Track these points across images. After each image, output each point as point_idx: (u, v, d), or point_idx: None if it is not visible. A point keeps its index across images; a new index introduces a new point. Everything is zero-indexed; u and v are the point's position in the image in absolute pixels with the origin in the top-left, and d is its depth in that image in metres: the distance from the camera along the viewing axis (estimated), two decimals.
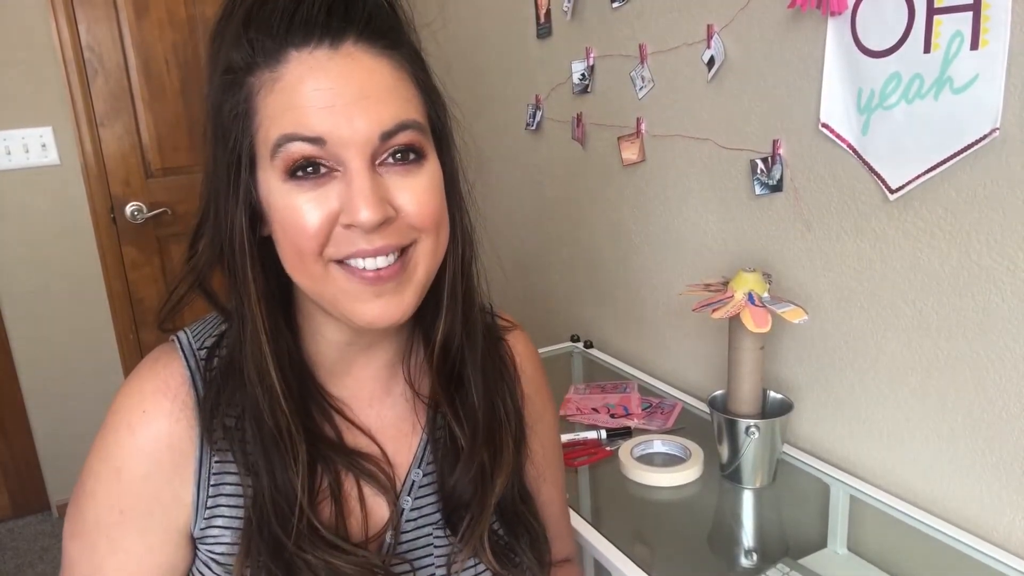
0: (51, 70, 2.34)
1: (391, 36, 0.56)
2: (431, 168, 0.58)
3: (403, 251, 0.57)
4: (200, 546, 0.63)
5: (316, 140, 0.53)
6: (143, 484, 0.61)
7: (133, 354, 2.59)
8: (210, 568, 0.63)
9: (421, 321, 0.67)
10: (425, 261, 0.59)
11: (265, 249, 0.59)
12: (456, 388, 0.67)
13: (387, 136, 0.54)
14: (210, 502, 0.62)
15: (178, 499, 0.62)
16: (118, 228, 2.52)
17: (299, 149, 0.53)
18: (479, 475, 0.66)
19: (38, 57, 2.31)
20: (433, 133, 0.60)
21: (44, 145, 2.38)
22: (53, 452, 2.57)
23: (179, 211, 2.57)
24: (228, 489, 0.62)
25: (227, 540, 0.62)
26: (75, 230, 2.47)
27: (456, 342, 0.66)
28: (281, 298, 0.62)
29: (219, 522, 0.62)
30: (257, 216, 0.58)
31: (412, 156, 0.57)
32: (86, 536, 0.62)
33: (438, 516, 0.68)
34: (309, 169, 0.54)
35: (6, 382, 2.47)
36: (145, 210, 2.53)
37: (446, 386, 0.67)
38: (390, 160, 0.56)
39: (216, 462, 0.62)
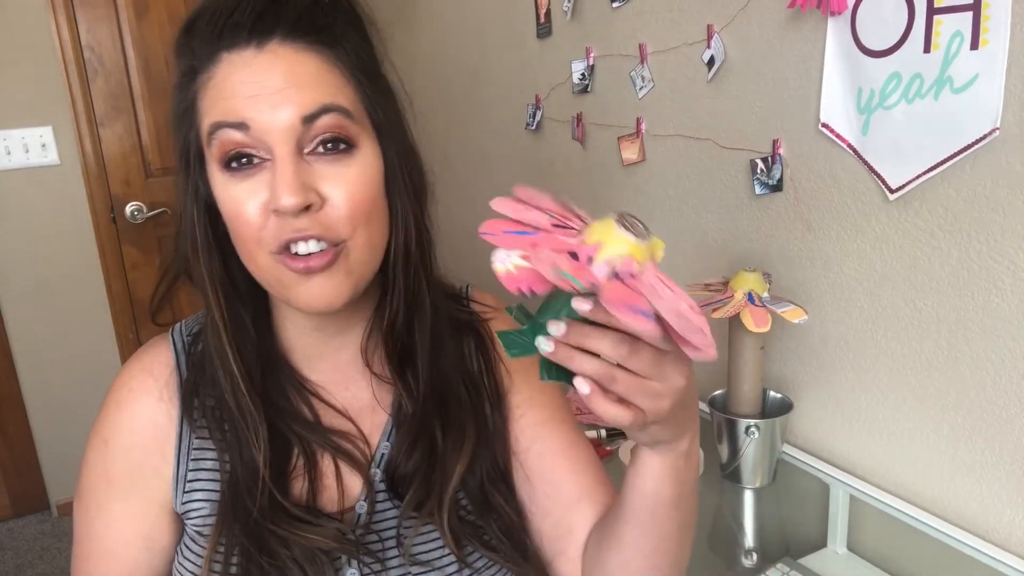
0: (51, 70, 2.34)
1: (322, 34, 0.58)
2: (363, 159, 0.59)
3: (335, 246, 0.59)
4: (186, 521, 0.67)
5: (240, 125, 0.56)
6: (126, 456, 0.66)
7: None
8: (195, 542, 0.66)
9: (378, 306, 0.69)
10: (358, 254, 0.60)
11: (228, 247, 0.63)
12: (407, 367, 0.70)
13: (309, 119, 0.56)
14: (190, 476, 0.66)
15: (159, 473, 0.66)
16: (118, 228, 2.53)
17: (227, 136, 0.57)
18: (427, 449, 0.68)
19: (38, 57, 2.32)
20: (373, 125, 0.61)
21: (44, 145, 2.38)
22: (53, 452, 2.58)
23: (179, 211, 2.57)
24: (207, 464, 0.66)
25: (206, 513, 0.66)
26: (75, 230, 2.47)
27: (399, 325, 0.68)
28: (255, 289, 0.65)
29: (198, 496, 0.66)
30: (215, 212, 0.62)
31: (342, 146, 0.58)
32: (81, 499, 0.69)
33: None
34: (243, 160, 0.57)
35: (6, 382, 2.47)
36: (145, 210, 2.54)
37: (396, 366, 0.69)
38: (320, 149, 0.57)
39: (196, 439, 0.66)
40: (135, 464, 0.66)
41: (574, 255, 0.45)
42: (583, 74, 1.70)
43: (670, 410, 0.48)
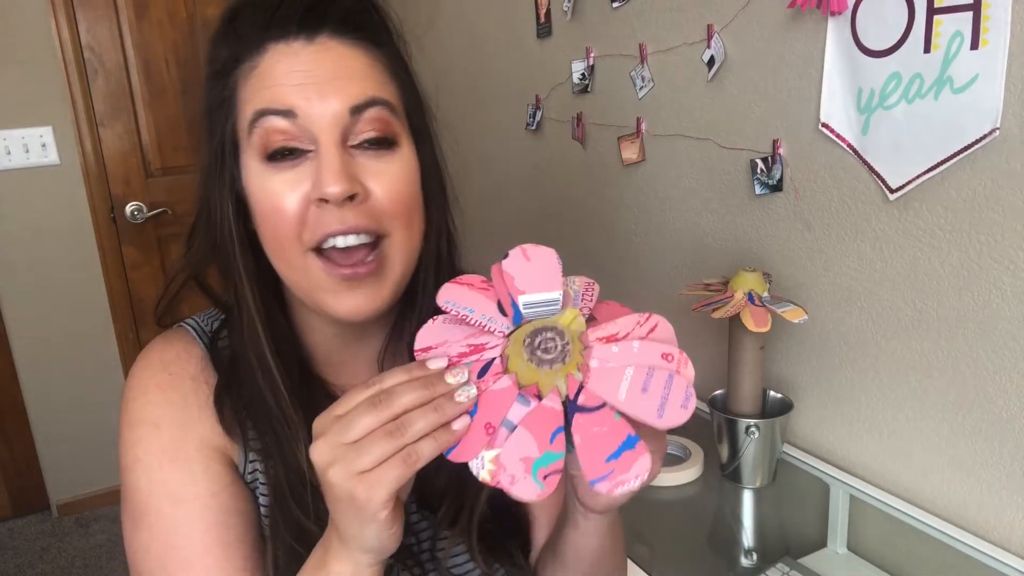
0: (51, 70, 2.34)
1: (367, 33, 0.59)
2: (404, 156, 0.59)
3: (376, 245, 0.58)
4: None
5: (287, 113, 0.55)
6: (185, 431, 0.60)
7: (133, 354, 2.59)
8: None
9: (402, 312, 0.68)
10: (400, 256, 0.59)
11: (257, 245, 0.61)
12: None
13: (357, 110, 0.55)
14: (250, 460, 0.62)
15: (224, 441, 0.61)
16: (118, 228, 2.52)
17: (272, 124, 0.55)
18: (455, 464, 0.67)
19: (38, 57, 2.32)
20: (411, 127, 0.61)
21: (44, 145, 2.38)
22: (53, 452, 2.57)
23: (179, 211, 2.57)
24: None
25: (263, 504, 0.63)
26: (75, 230, 2.47)
27: None
28: (275, 292, 0.63)
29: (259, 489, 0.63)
30: (244, 208, 0.60)
31: (385, 143, 0.57)
32: (145, 511, 0.60)
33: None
34: (285, 153, 0.56)
35: (6, 382, 2.47)
36: (145, 210, 2.53)
37: None
38: (364, 144, 0.57)
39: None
40: (197, 437, 0.61)
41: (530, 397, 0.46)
42: (583, 74, 1.70)
43: None
